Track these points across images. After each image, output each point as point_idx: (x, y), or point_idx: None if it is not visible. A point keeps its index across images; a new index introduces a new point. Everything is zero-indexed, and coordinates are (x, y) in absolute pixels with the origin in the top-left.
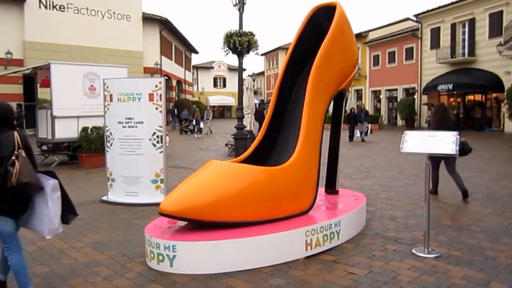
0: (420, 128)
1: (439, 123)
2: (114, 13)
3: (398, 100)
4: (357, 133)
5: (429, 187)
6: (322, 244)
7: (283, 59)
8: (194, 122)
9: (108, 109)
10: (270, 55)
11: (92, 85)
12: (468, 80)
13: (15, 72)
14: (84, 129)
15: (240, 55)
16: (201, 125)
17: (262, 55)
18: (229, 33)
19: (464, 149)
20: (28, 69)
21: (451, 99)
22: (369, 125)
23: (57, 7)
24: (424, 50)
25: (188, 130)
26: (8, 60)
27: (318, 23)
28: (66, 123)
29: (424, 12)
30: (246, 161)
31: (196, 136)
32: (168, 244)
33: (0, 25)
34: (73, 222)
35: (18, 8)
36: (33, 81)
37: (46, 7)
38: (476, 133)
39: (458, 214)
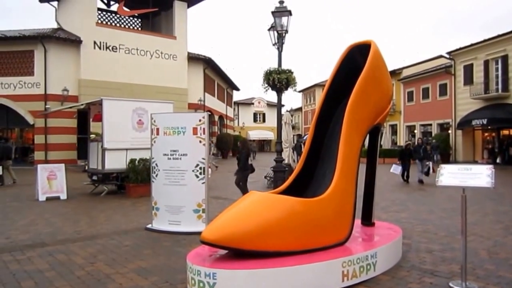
0: (455, 162)
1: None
2: (161, 53)
3: (433, 135)
4: (397, 170)
5: (465, 220)
6: (358, 275)
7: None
8: None
9: (154, 141)
10: (308, 91)
11: (140, 120)
12: (503, 115)
13: (70, 107)
14: (132, 161)
15: (279, 92)
16: None
17: (300, 91)
18: (268, 71)
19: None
20: (82, 104)
21: (486, 134)
22: (430, 163)
23: (110, 47)
24: (458, 86)
25: None
26: (64, 96)
27: (354, 61)
28: (116, 155)
29: (456, 50)
30: (284, 192)
31: None
32: (208, 271)
33: (59, 64)
34: (119, 248)
35: (75, 49)
36: (87, 116)
37: (100, 48)
38: (511, 167)
39: (495, 248)
